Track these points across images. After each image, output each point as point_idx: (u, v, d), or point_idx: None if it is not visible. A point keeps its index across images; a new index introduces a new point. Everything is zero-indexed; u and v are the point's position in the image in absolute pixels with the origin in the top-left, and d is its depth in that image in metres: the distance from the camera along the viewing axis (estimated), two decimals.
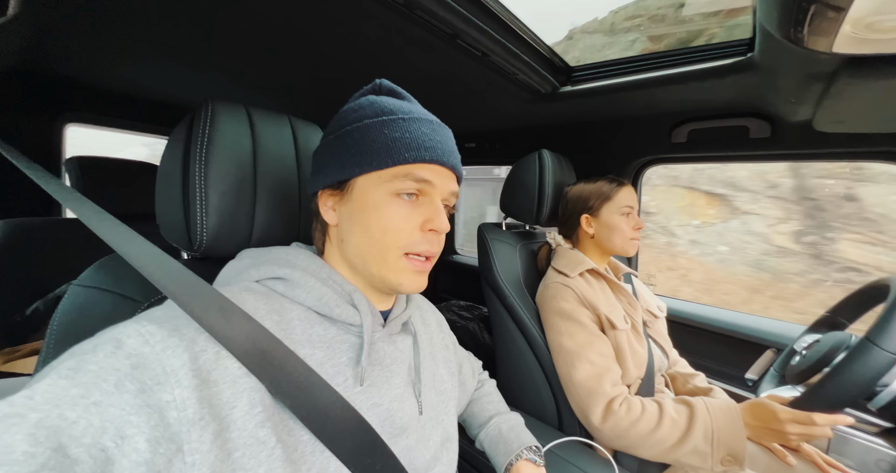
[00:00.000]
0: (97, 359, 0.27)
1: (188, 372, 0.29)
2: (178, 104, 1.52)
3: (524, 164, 1.10)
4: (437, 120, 0.45)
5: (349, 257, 0.44)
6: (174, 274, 0.34)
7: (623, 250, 0.91)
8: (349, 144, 0.42)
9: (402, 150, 0.40)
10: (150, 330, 0.30)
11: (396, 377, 0.45)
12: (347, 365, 0.41)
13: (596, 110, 1.18)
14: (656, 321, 1.00)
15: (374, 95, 0.45)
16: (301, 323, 0.40)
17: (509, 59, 0.89)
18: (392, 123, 0.41)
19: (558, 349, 0.85)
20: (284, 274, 0.42)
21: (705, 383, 0.98)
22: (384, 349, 0.45)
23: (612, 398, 0.76)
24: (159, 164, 0.50)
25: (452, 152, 0.44)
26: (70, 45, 0.96)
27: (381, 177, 0.41)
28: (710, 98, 0.94)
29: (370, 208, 0.41)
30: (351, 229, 0.43)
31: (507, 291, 1.00)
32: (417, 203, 0.43)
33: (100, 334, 0.30)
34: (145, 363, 0.28)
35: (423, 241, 0.42)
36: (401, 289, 0.43)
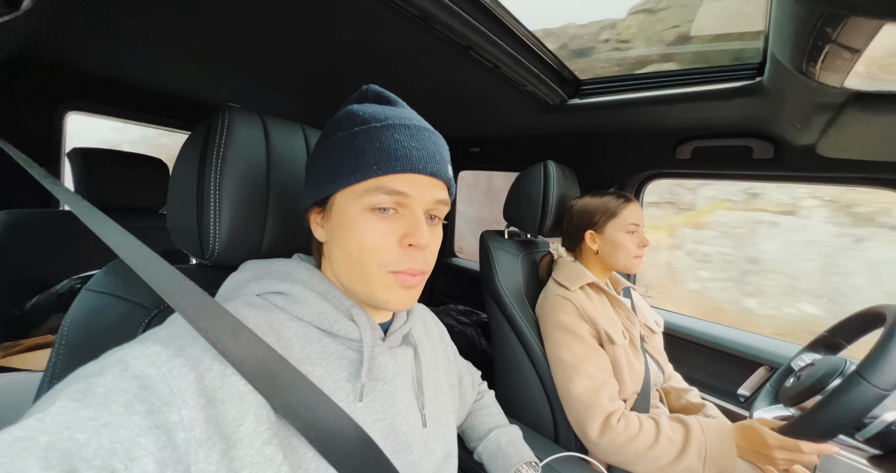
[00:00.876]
0: (105, 381, 0.27)
1: (194, 392, 0.29)
2: (178, 95, 1.50)
3: (529, 174, 1.11)
4: (419, 124, 0.41)
5: (336, 275, 0.44)
6: (186, 291, 0.34)
7: (626, 268, 0.92)
8: (325, 159, 0.41)
9: (370, 162, 0.38)
10: (155, 351, 0.30)
11: (400, 391, 0.44)
12: (348, 381, 0.41)
13: (602, 123, 1.19)
14: (653, 336, 1.01)
15: (356, 105, 0.43)
16: (300, 341, 0.40)
17: (520, 71, 0.90)
18: (363, 134, 0.39)
19: (557, 361, 0.86)
20: (285, 289, 0.42)
21: (698, 398, 0.99)
22: (385, 364, 0.44)
23: (610, 414, 0.77)
24: (172, 170, 0.50)
25: (433, 157, 0.40)
26: (77, 37, 0.95)
27: (353, 192, 0.39)
28: (716, 117, 0.95)
29: (347, 225, 0.40)
30: (333, 247, 0.42)
31: (507, 300, 1.00)
32: (396, 216, 0.40)
33: (105, 355, 0.30)
34: (152, 384, 0.28)
35: (403, 258, 0.39)
36: (388, 307, 0.41)
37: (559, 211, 1.10)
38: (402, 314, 0.51)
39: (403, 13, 0.64)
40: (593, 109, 1.07)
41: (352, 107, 0.42)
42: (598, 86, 1.05)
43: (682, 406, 0.98)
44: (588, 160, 1.37)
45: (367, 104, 0.43)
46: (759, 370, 1.02)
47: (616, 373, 0.84)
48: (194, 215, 0.47)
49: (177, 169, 0.49)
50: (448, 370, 0.59)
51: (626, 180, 1.29)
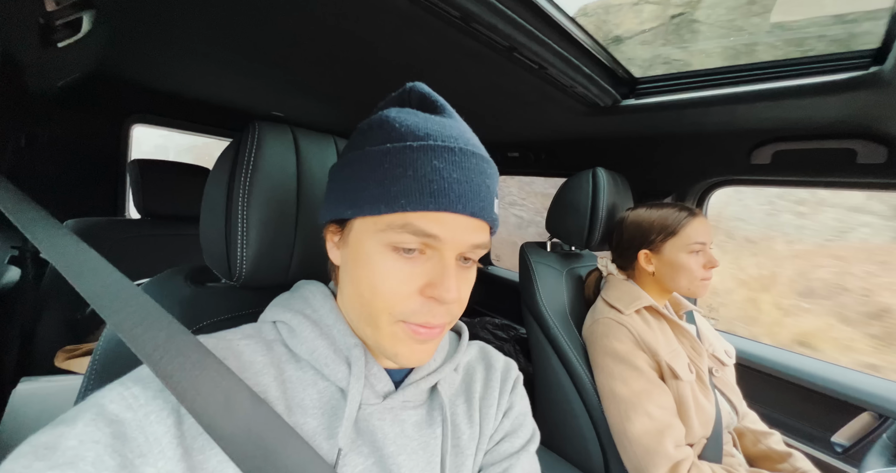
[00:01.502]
0: (76, 432, 0.25)
1: (172, 440, 0.27)
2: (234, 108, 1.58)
3: (576, 182, 1.01)
4: (466, 145, 0.33)
5: (344, 308, 0.38)
6: (177, 352, 0.29)
7: (690, 292, 0.80)
8: (347, 175, 0.34)
9: (397, 194, 0.30)
10: (133, 393, 0.28)
11: (407, 471, 0.35)
12: (338, 439, 0.34)
13: (660, 125, 1.07)
14: (724, 369, 0.88)
15: (395, 109, 0.35)
16: (295, 384, 0.35)
17: (568, 71, 0.82)
18: (395, 155, 0.31)
19: (609, 395, 0.77)
20: (287, 319, 0.37)
21: (782, 444, 0.84)
22: (383, 429, 0.35)
23: (678, 463, 0.66)
24: (206, 185, 0.49)
25: (478, 194, 0.32)
26: (136, 54, 1.02)
27: (375, 224, 0.32)
28: (809, 117, 0.80)
29: (362, 259, 0.33)
30: (345, 278, 0.36)
31: (550, 321, 0.92)
32: (422, 259, 0.32)
33: (87, 398, 0.28)
34: (126, 432, 0.26)
35: (422, 310, 0.32)
36: (397, 361, 0.34)
37: (609, 223, 1.00)
38: (436, 358, 0.41)
39: (442, 15, 0.59)
40: (651, 110, 0.96)
41: (388, 113, 0.34)
42: (657, 85, 0.94)
43: (760, 453, 0.84)
44: (642, 166, 1.24)
45: (407, 110, 0.35)
46: (863, 416, 0.84)
47: (681, 414, 0.72)
48: (222, 236, 0.45)
49: (209, 185, 0.48)
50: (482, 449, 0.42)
51: (688, 188, 1.15)
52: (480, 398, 0.44)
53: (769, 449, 0.83)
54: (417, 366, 0.37)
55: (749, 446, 0.86)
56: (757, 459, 0.84)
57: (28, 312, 1.03)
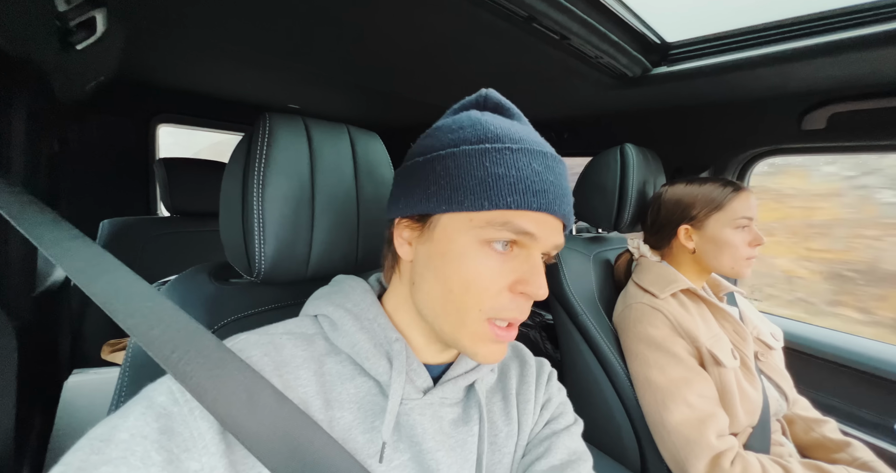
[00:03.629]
0: (128, 425, 0.26)
1: (215, 436, 0.27)
2: (253, 102, 1.60)
3: (602, 161, 0.96)
4: (551, 150, 0.35)
5: (418, 304, 0.37)
6: (197, 351, 0.29)
7: (733, 272, 0.74)
8: (439, 171, 0.34)
9: (503, 191, 0.32)
10: (179, 387, 0.28)
11: (445, 470, 0.35)
12: (379, 432, 0.34)
13: (695, 94, 0.98)
14: (770, 353, 0.82)
15: (477, 111, 0.37)
16: (334, 378, 0.35)
17: (593, 40, 0.75)
18: (496, 154, 0.33)
19: (645, 383, 0.73)
20: (328, 312, 0.38)
21: (837, 433, 0.78)
22: (423, 424, 0.36)
23: (720, 453, 0.62)
24: (222, 181, 0.49)
25: (566, 197, 0.35)
26: (156, 53, 1.03)
27: (471, 220, 0.33)
28: (872, 72, 0.71)
29: (453, 255, 0.33)
30: (425, 274, 0.36)
31: (578, 308, 0.88)
32: (511, 256, 0.34)
33: (141, 391, 0.29)
34: (173, 426, 0.26)
35: (511, 305, 0.33)
36: (476, 358, 0.35)
37: (640, 202, 0.94)
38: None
39: None
40: (686, 77, 0.88)
41: (476, 115, 0.36)
42: (692, 49, 0.86)
43: (813, 441, 0.79)
44: (675, 140, 1.15)
45: (488, 114, 0.37)
46: None
47: (725, 402, 0.68)
48: (240, 232, 0.44)
49: (225, 183, 0.47)
50: (521, 446, 0.43)
51: (727, 161, 1.06)
52: (517, 395, 0.44)
53: (823, 438, 0.78)
54: (493, 364, 0.38)
55: (801, 434, 0.81)
56: (810, 448, 0.79)
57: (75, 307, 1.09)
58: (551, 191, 0.33)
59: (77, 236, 0.35)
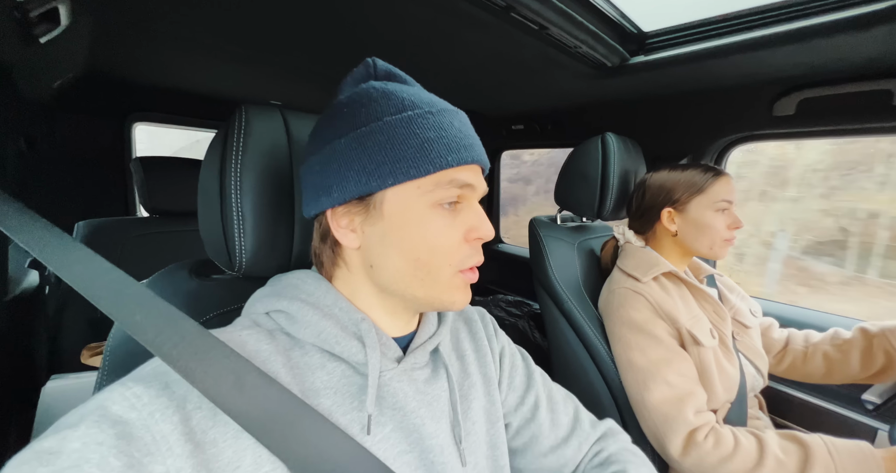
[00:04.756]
0: (79, 434, 0.24)
1: (180, 437, 0.26)
2: (232, 99, 1.56)
3: (584, 151, 0.97)
4: (454, 107, 0.38)
5: (383, 282, 0.37)
6: (181, 337, 0.29)
7: (712, 254, 0.77)
8: (372, 148, 0.34)
9: (441, 152, 0.34)
10: (136, 393, 0.27)
11: (430, 423, 0.38)
12: (360, 410, 0.35)
13: (672, 83, 1.00)
14: (747, 331, 0.85)
15: (377, 82, 0.37)
16: (302, 370, 0.35)
17: (572, 30, 0.76)
18: (422, 120, 0.34)
19: (627, 365, 0.75)
20: (283, 306, 0.37)
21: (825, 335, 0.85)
22: (403, 390, 0.38)
23: (696, 429, 0.65)
24: (199, 177, 0.48)
25: (482, 146, 0.39)
26: (129, 49, 1.00)
27: (419, 187, 0.34)
28: (841, 57, 0.73)
29: (412, 225, 0.35)
30: (385, 252, 0.36)
31: (563, 295, 0.90)
32: (457, 210, 0.37)
33: (88, 400, 0.27)
34: (132, 431, 0.25)
35: (471, 252, 0.37)
36: (454, 307, 0.38)
37: (622, 190, 0.96)
38: (431, 322, 0.44)
39: None
40: (663, 65, 0.89)
41: (381, 86, 0.36)
42: (669, 37, 0.87)
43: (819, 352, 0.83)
44: (655, 129, 1.18)
45: (390, 83, 0.37)
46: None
47: (704, 380, 0.71)
48: (220, 226, 0.44)
49: (202, 178, 0.46)
50: (490, 393, 0.47)
51: (705, 148, 1.09)
52: (475, 351, 0.49)
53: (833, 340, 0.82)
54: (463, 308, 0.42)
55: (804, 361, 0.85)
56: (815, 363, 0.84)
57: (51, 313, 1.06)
58: (474, 144, 0.37)
59: (49, 226, 0.33)
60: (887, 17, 0.58)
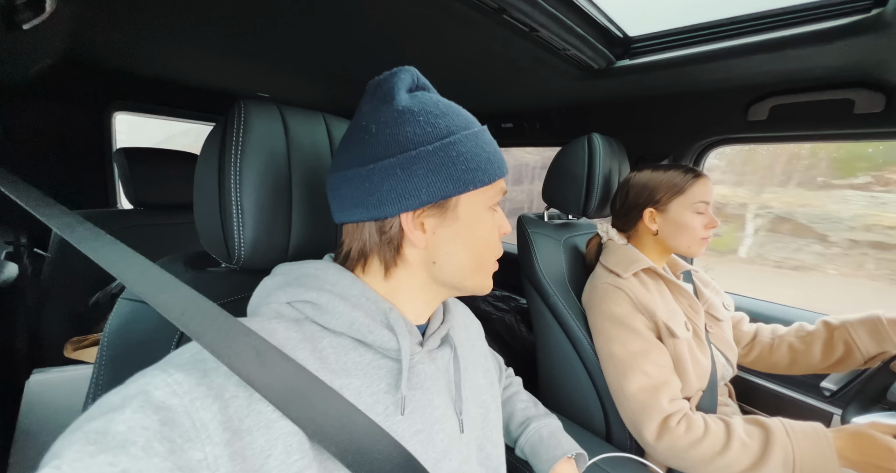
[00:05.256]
0: (125, 417, 0.25)
1: (219, 426, 0.27)
2: (219, 90, 1.53)
3: (571, 150, 1.00)
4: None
5: (444, 276, 0.42)
6: (203, 315, 0.31)
7: (689, 251, 0.81)
8: (455, 157, 0.38)
9: (496, 165, 0.41)
10: (177, 379, 0.28)
11: (437, 398, 0.42)
12: (387, 392, 0.38)
13: (655, 86, 1.04)
14: (719, 324, 0.90)
15: (428, 94, 0.42)
16: (334, 351, 0.37)
17: (561, 33, 0.78)
18: (479, 137, 0.40)
19: (608, 357, 0.79)
20: (312, 298, 0.38)
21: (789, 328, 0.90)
22: (424, 371, 0.42)
23: (669, 415, 0.69)
24: (196, 169, 0.48)
25: None
26: (111, 36, 0.97)
27: (485, 193, 0.41)
28: (807, 68, 0.78)
29: (477, 224, 0.41)
30: (455, 249, 0.41)
31: (550, 289, 0.93)
32: (494, 211, 0.44)
33: (128, 382, 0.28)
34: (174, 417, 0.26)
35: (499, 243, 0.45)
36: (485, 291, 0.45)
37: (606, 189, 1.00)
38: (439, 314, 0.48)
39: None
40: (646, 69, 0.93)
41: (443, 100, 0.42)
42: (652, 43, 0.91)
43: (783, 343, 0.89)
44: (638, 129, 1.22)
45: (436, 96, 0.43)
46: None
47: (678, 369, 0.75)
48: (217, 219, 0.44)
49: (198, 170, 0.47)
50: (487, 367, 0.56)
51: (685, 149, 1.14)
52: (476, 339, 0.58)
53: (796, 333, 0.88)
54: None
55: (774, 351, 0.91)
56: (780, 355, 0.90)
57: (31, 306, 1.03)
58: (503, 158, 0.43)
59: (69, 213, 0.35)
60: (847, 33, 0.62)
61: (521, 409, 0.67)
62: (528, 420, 0.65)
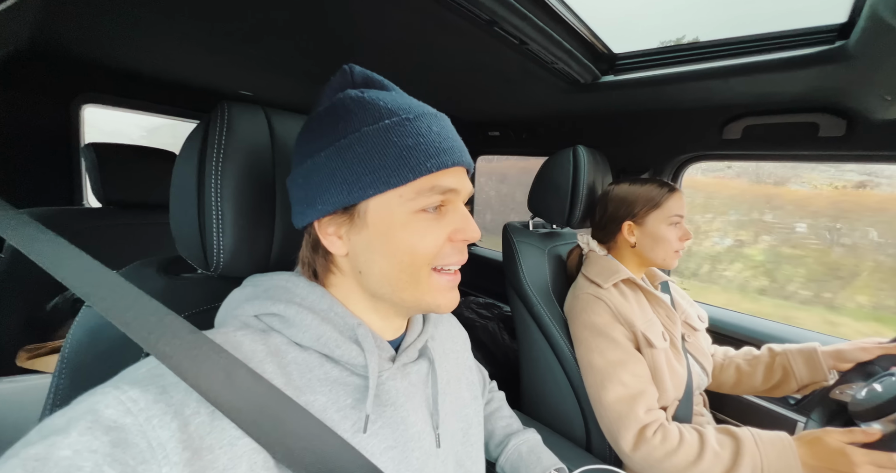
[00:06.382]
0: (70, 441, 0.23)
1: (178, 444, 0.25)
2: (192, 85, 1.47)
3: (556, 161, 1.02)
4: (435, 110, 0.38)
5: (372, 287, 0.39)
6: (172, 334, 0.28)
7: (664, 263, 0.84)
8: (351, 160, 0.34)
9: (420, 159, 0.34)
10: (132, 397, 0.26)
11: (412, 414, 0.40)
12: (354, 408, 0.36)
13: (639, 102, 1.08)
14: (696, 334, 0.93)
15: (354, 91, 0.37)
16: (298, 367, 0.36)
17: (549, 46, 0.80)
18: (398, 128, 0.34)
19: (588, 366, 0.80)
20: (279, 310, 0.37)
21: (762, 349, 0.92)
22: (396, 387, 0.40)
23: (646, 425, 0.70)
24: (173, 171, 0.46)
25: (463, 147, 0.38)
26: (80, 25, 0.92)
27: (401, 196, 0.35)
28: (778, 92, 0.83)
29: (394, 232, 0.36)
30: (371, 258, 0.37)
31: (533, 298, 0.94)
32: (442, 214, 0.38)
33: (75, 402, 0.26)
34: (127, 437, 0.24)
35: (452, 251, 0.38)
36: (440, 310, 0.39)
37: (590, 200, 1.02)
38: (417, 324, 0.47)
39: None
40: (629, 86, 0.96)
41: (359, 94, 0.36)
42: (636, 60, 0.94)
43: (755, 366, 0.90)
44: (621, 143, 1.26)
45: (367, 91, 0.37)
46: None
47: (655, 379, 0.77)
48: (196, 223, 0.42)
49: (177, 172, 0.45)
50: (471, 380, 0.54)
51: (664, 164, 1.18)
52: (461, 351, 0.55)
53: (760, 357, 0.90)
54: (450, 311, 0.42)
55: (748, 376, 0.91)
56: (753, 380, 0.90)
57: None
58: (455, 146, 0.37)
59: (30, 222, 0.32)
60: (813, 61, 0.67)
61: (502, 427, 0.66)
62: (507, 438, 0.64)
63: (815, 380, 0.81)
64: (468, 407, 0.51)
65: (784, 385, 0.85)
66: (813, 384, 0.82)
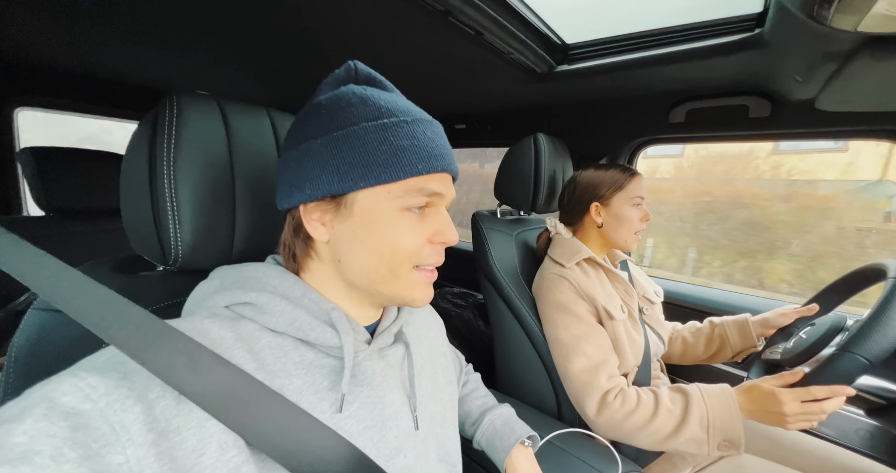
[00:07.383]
0: (24, 428, 0.22)
1: (142, 426, 0.25)
2: (142, 86, 1.39)
3: (519, 149, 1.06)
4: (430, 116, 0.40)
5: (350, 277, 0.40)
6: (126, 320, 0.28)
7: (626, 246, 0.89)
8: (346, 151, 0.36)
9: (413, 160, 0.36)
10: (90, 383, 0.25)
11: (389, 394, 0.41)
12: (331, 390, 0.37)
13: (593, 90, 1.13)
14: (652, 307, 1.01)
15: (357, 86, 0.39)
16: (273, 351, 0.36)
17: (505, 37, 0.83)
18: (396, 128, 0.36)
19: (554, 341, 0.85)
20: (251, 299, 0.37)
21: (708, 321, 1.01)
22: (371, 368, 0.41)
23: (607, 391, 0.76)
24: (122, 165, 0.45)
25: (453, 156, 0.41)
26: (13, 22, 0.85)
27: (389, 192, 0.37)
28: (712, 77, 0.90)
29: (379, 226, 0.37)
30: (352, 248, 0.38)
31: (503, 281, 0.98)
32: (425, 215, 0.39)
33: (27, 392, 0.25)
34: (88, 422, 0.24)
35: (432, 253, 0.40)
36: (415, 304, 0.41)
37: (552, 186, 1.06)
38: (392, 311, 0.48)
39: None
40: (583, 75, 1.01)
41: (359, 91, 0.38)
42: (587, 50, 0.99)
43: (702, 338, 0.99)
44: (579, 131, 1.31)
45: (369, 88, 0.39)
46: None
47: (616, 348, 0.83)
48: (149, 217, 0.42)
49: (125, 167, 0.43)
50: (446, 365, 0.56)
51: (620, 148, 1.25)
52: (436, 338, 0.56)
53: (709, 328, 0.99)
54: (424, 305, 0.45)
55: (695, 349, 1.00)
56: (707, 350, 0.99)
57: None
58: (445, 153, 0.39)
59: None
60: (737, 48, 0.73)
61: (478, 405, 0.69)
62: (483, 414, 0.67)
63: (746, 347, 0.92)
64: (443, 391, 0.52)
65: (721, 353, 0.96)
66: (745, 350, 0.93)
